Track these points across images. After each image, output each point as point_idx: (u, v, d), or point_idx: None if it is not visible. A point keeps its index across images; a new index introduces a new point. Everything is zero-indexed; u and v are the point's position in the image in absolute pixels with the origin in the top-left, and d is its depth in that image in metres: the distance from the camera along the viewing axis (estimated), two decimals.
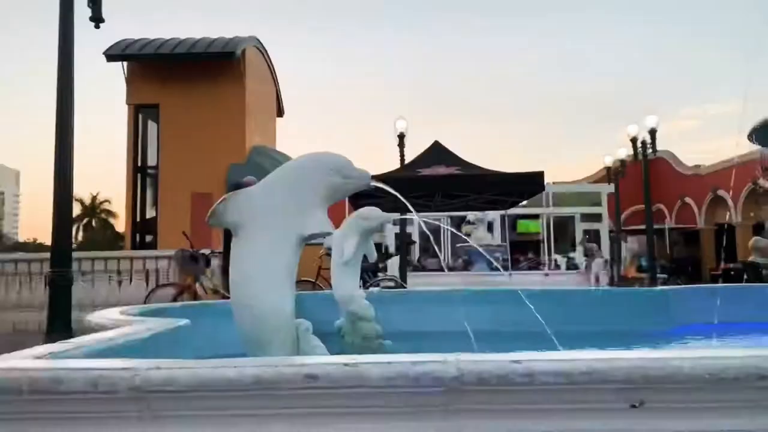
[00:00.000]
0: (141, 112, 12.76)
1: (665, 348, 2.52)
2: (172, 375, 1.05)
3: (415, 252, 19.96)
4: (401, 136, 10.97)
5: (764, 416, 1.03)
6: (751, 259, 8.06)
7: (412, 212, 2.46)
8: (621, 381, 1.04)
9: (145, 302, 7.04)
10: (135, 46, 12.17)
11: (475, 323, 2.48)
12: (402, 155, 10.99)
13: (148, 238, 12.58)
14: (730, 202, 22.98)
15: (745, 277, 8.25)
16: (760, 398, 1.03)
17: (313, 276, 8.10)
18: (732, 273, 13.95)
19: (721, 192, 23.50)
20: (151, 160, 12.77)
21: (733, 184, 21.68)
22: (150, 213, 12.81)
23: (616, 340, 2.53)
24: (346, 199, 10.79)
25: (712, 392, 1.03)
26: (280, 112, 16.91)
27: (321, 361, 1.11)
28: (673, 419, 1.05)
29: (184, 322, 1.93)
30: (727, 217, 22.81)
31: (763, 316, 2.87)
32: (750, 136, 2.19)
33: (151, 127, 12.91)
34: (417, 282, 10.22)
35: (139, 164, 12.76)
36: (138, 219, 12.77)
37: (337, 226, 2.76)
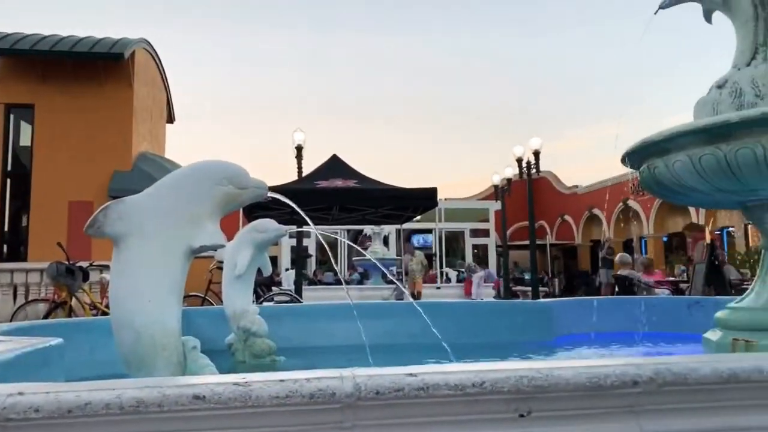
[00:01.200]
0: (12, 112, 11.72)
1: (549, 358, 2.66)
2: (38, 401, 0.95)
3: (312, 265, 19.78)
4: (299, 148, 10.88)
5: (639, 419, 1.11)
6: (621, 272, 8.77)
7: (309, 225, 2.43)
8: (510, 391, 1.07)
9: (11, 319, 6.41)
10: (7, 40, 11.16)
11: (371, 337, 2.48)
12: (300, 167, 10.89)
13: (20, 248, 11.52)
14: (603, 220, 24.95)
15: (617, 289, 8.96)
16: (635, 402, 1.10)
17: (202, 291, 7.77)
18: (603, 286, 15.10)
19: (595, 210, 25.45)
20: (23, 165, 11.74)
21: (608, 203, 23.54)
22: (21, 222, 11.75)
23: (505, 351, 2.64)
24: (240, 211, 10.50)
25: (594, 399, 1.09)
26: (170, 118, 16.20)
27: (209, 380, 1.04)
28: (559, 426, 1.09)
29: (56, 341, 1.76)
30: (602, 233, 24.69)
31: (632, 325, 3.12)
32: (623, 160, 2.39)
33: (25, 129, 11.88)
34: (313, 296, 10.12)
35: (9, 169, 11.69)
36: (6, 228, 11.68)
37: (229, 238, 2.66)
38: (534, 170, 13.95)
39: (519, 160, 14.46)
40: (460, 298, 12.73)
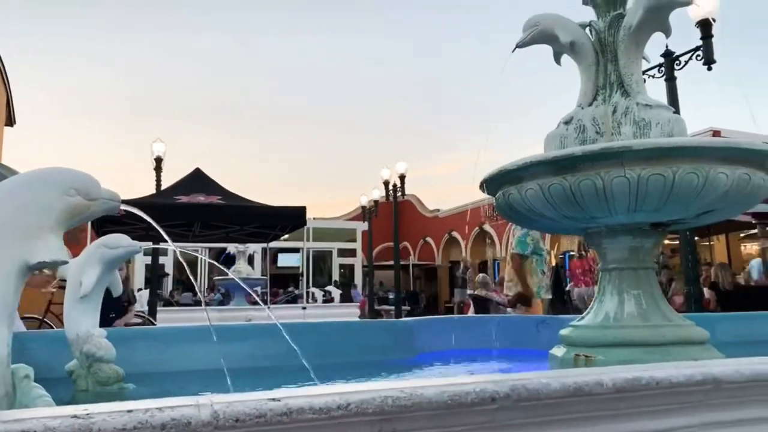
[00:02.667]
0: None
1: (412, 376, 2.71)
2: None
3: (168, 285, 18.68)
4: (158, 160, 10.29)
5: None
6: (477, 292, 9.26)
7: (167, 241, 2.27)
8: (375, 412, 1.06)
9: None
10: None
11: (232, 360, 2.37)
12: (159, 180, 10.29)
13: None
14: (462, 242, 26.33)
15: (472, 308, 9.45)
16: (493, 419, 1.14)
17: (40, 312, 7.00)
18: (461, 305, 15.89)
19: (455, 233, 26.81)
20: None
21: (468, 226, 24.88)
22: None
23: (370, 371, 2.65)
24: (89, 225, 9.64)
25: (455, 416, 1.12)
26: (10, 121, 14.60)
27: (42, 414, 0.92)
28: None
29: None
30: (461, 255, 26.00)
31: (488, 343, 3.29)
32: (481, 186, 2.55)
33: None
34: (168, 318, 9.53)
35: None
36: None
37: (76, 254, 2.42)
38: (400, 193, 14.40)
39: (386, 183, 14.86)
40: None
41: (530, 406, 1.15)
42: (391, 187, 14.71)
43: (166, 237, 2.25)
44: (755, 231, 11.56)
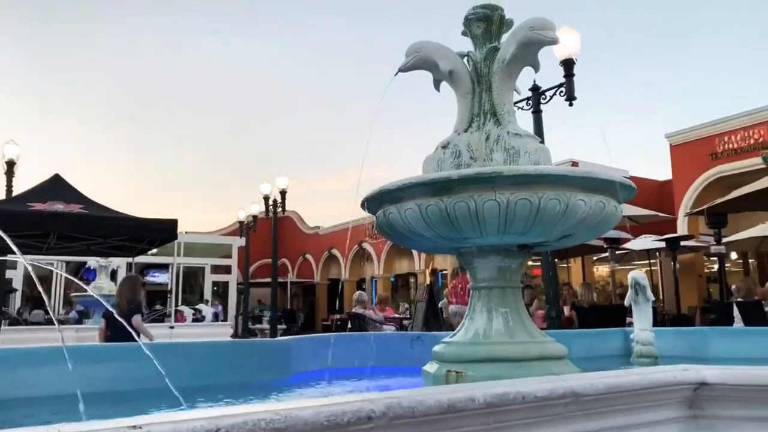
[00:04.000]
0: None
1: (287, 397, 2.64)
2: None
3: (16, 302, 16.88)
4: (10, 164, 9.32)
5: None
6: (355, 310, 9.32)
7: (16, 253, 2.04)
8: None
9: None
10: None
11: (90, 384, 2.17)
12: (9, 185, 9.31)
13: None
14: (341, 260, 26.43)
15: (349, 326, 9.49)
16: None
17: None
18: (339, 323, 15.90)
19: (334, 251, 26.86)
20: None
21: (348, 244, 25.01)
22: None
23: (243, 393, 2.54)
24: None
25: None
26: None
27: None
28: None
29: None
30: (342, 273, 26.09)
31: (364, 361, 3.29)
32: (362, 205, 2.58)
33: None
34: (15, 338, 8.58)
35: None
36: None
37: None
38: (280, 209, 14.19)
39: (266, 198, 14.57)
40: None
41: (406, 424, 1.16)
42: (271, 203, 14.45)
43: (14, 248, 2.02)
44: (606, 255, 12.74)
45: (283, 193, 13.75)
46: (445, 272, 20.98)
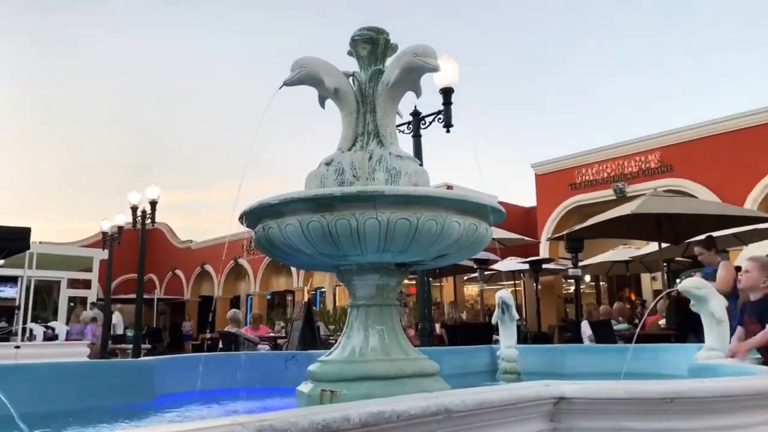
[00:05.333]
0: None
1: (145, 423, 2.46)
2: None
3: None
4: None
5: None
6: (228, 329, 8.97)
7: None
8: None
9: None
10: None
11: None
12: None
13: None
14: (214, 277, 25.40)
15: (221, 345, 9.10)
16: None
17: None
18: (210, 342, 15.21)
19: (208, 266, 25.77)
20: None
21: (224, 260, 24.11)
22: None
23: (96, 418, 2.33)
24: None
25: None
26: None
27: None
28: None
29: None
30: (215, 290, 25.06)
31: (236, 381, 3.17)
32: (241, 219, 2.48)
33: None
34: None
35: None
36: None
37: None
38: (149, 220, 13.38)
39: (134, 208, 13.68)
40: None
41: None
42: (139, 213, 13.58)
43: None
44: (476, 275, 13.37)
45: (153, 203, 12.98)
46: (323, 290, 20.92)
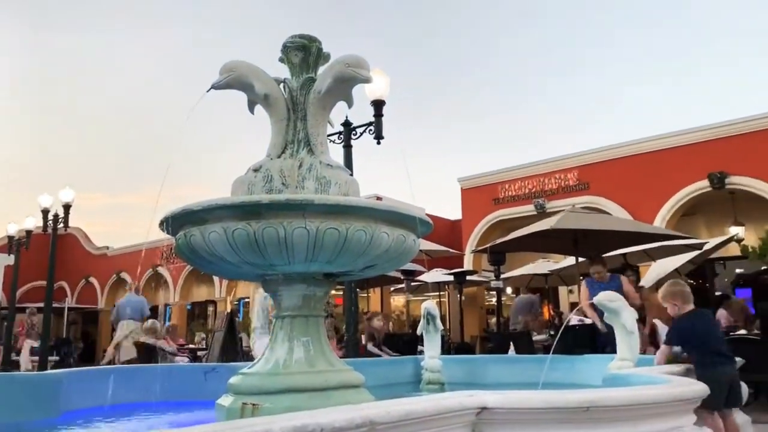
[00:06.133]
0: None
1: None
2: None
3: None
4: None
5: None
6: (144, 340, 8.58)
7: None
8: None
9: None
10: None
11: None
12: None
13: None
14: (132, 285, 24.25)
15: (138, 357, 8.69)
16: None
17: None
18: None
19: (124, 274, 24.60)
20: None
21: (141, 268, 23.06)
22: None
23: None
24: None
25: None
26: None
27: None
28: None
29: None
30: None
31: (151, 395, 3.02)
32: (161, 225, 2.37)
33: None
34: None
35: None
36: None
37: None
38: (62, 224, 12.62)
39: (45, 212, 12.87)
40: None
41: None
42: (51, 217, 12.78)
43: None
44: (402, 286, 13.48)
45: (66, 206, 12.27)
46: (247, 300, 20.44)
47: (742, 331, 8.15)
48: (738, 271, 14.39)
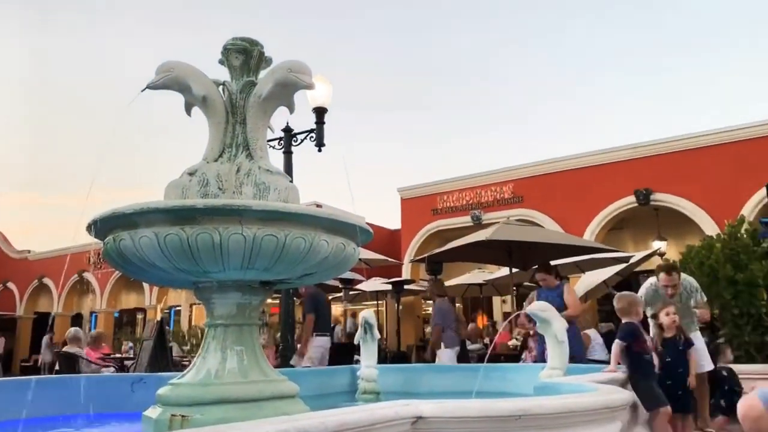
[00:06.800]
0: None
1: None
2: None
3: None
4: None
5: None
6: (67, 349, 8.13)
7: None
8: None
9: None
10: None
11: None
12: None
13: None
14: (54, 291, 23.04)
15: (57, 368, 8.22)
16: None
17: None
18: (45, 364, 13.71)
19: (47, 280, 23.33)
20: None
21: (65, 273, 21.93)
22: None
23: None
24: None
25: None
26: None
27: None
28: None
29: None
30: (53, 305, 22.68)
31: (74, 407, 2.86)
32: (89, 228, 2.26)
33: None
34: None
35: None
36: None
37: None
38: None
39: None
40: None
41: None
42: None
43: None
44: (341, 294, 13.41)
45: None
46: (179, 308, 19.78)
47: None
48: None
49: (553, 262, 10.13)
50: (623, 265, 10.42)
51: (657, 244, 13.09)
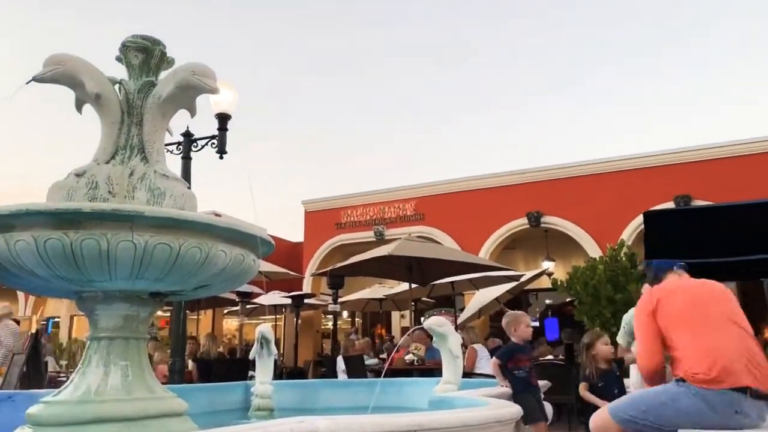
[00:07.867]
0: None
1: None
2: None
3: None
4: None
5: None
6: None
7: None
8: None
9: None
10: None
11: None
12: None
13: None
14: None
15: None
16: None
17: None
18: None
19: None
20: None
21: None
22: None
23: None
24: None
25: None
26: None
27: None
28: None
29: None
30: None
31: None
32: None
33: None
34: None
35: None
36: None
37: None
38: None
39: None
40: None
41: None
42: None
43: None
44: (237, 308, 13.02)
45: None
46: (58, 320, 18.33)
47: (550, 357, 9.04)
48: (547, 301, 16.06)
49: (450, 279, 10.44)
50: (514, 284, 10.94)
51: (546, 264, 13.89)
